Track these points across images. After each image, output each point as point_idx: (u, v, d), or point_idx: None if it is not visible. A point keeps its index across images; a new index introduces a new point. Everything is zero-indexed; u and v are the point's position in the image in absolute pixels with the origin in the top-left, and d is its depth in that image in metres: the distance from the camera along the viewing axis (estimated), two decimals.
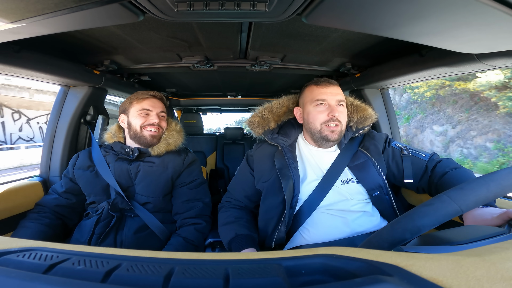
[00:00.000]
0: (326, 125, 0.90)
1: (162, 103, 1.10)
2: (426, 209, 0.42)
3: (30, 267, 0.32)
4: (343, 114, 0.92)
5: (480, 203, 0.42)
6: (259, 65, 1.21)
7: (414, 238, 0.42)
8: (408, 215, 0.43)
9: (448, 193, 0.42)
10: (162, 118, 1.08)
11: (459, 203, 0.41)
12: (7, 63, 0.80)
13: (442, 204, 0.41)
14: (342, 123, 0.91)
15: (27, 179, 1.14)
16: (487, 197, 0.42)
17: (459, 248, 0.39)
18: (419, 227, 0.41)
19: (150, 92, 1.07)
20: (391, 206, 0.88)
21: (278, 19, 0.61)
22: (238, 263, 0.34)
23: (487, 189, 0.42)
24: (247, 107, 2.94)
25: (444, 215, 0.41)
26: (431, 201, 0.42)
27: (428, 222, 0.41)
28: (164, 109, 1.10)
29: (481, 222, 0.61)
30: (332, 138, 0.90)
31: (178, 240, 0.93)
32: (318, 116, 0.91)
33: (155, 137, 1.04)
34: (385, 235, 0.43)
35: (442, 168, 0.84)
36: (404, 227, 0.42)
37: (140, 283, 0.30)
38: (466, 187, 0.42)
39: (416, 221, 0.41)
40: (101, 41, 0.93)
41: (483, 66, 0.77)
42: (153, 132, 1.04)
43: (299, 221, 0.88)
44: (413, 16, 0.52)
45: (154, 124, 1.03)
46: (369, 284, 0.27)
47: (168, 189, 1.02)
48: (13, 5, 0.49)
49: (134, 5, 0.54)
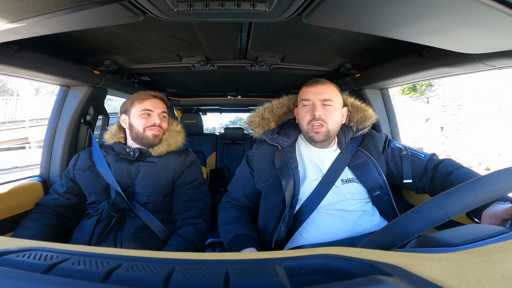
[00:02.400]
0: (311, 125, 0.89)
1: (163, 103, 1.09)
2: (413, 216, 0.42)
3: (30, 267, 0.32)
4: (330, 113, 0.89)
5: (467, 209, 0.42)
6: (259, 65, 1.21)
7: (403, 243, 0.43)
8: (397, 222, 0.43)
9: (435, 199, 0.43)
10: (163, 119, 1.08)
11: (445, 209, 0.41)
12: (7, 63, 0.80)
13: (429, 210, 0.42)
14: (327, 123, 0.88)
15: (27, 179, 1.14)
16: (474, 202, 0.42)
17: (459, 248, 0.39)
18: (407, 233, 0.41)
19: (152, 92, 1.06)
20: (391, 205, 0.88)
21: (278, 19, 0.61)
22: (238, 263, 0.34)
23: (474, 195, 0.42)
24: (247, 107, 2.94)
25: (431, 222, 0.41)
26: (419, 208, 0.43)
27: (415, 228, 0.41)
28: (165, 109, 1.09)
29: (494, 218, 0.61)
30: (317, 139, 0.89)
31: (178, 240, 0.93)
32: (304, 116, 0.91)
33: (157, 137, 1.04)
34: (375, 241, 0.44)
35: (446, 167, 0.84)
36: (393, 233, 0.42)
37: (140, 283, 0.30)
38: (452, 193, 0.43)
39: (404, 227, 0.42)
40: (101, 41, 0.93)
41: (483, 66, 0.77)
42: (155, 131, 1.03)
43: (299, 221, 0.88)
44: (413, 16, 0.52)
45: (155, 125, 1.03)
46: (369, 284, 0.27)
47: (168, 189, 1.02)
48: (13, 5, 0.49)
49: (134, 5, 0.54)
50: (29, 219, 0.94)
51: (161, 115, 1.07)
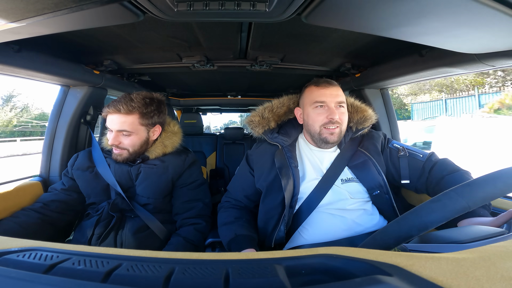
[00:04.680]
0: (326, 127, 0.89)
1: (120, 119, 0.92)
2: (433, 206, 0.42)
3: (30, 267, 0.32)
4: (344, 115, 0.91)
5: (488, 200, 0.42)
6: (259, 65, 1.21)
7: (420, 234, 0.42)
8: (415, 212, 0.43)
9: (456, 190, 0.43)
10: (125, 137, 0.95)
11: (467, 199, 0.41)
12: (7, 63, 0.80)
13: (450, 200, 0.42)
14: (342, 124, 0.90)
15: (27, 179, 1.14)
16: (494, 193, 0.42)
17: (459, 248, 0.39)
18: (426, 224, 0.41)
19: (110, 103, 0.94)
20: (391, 205, 0.88)
21: (278, 19, 0.61)
22: (238, 263, 0.34)
23: (494, 186, 0.42)
24: (247, 107, 2.94)
25: (452, 212, 0.41)
26: (439, 198, 0.43)
27: (436, 218, 0.41)
28: (125, 125, 0.93)
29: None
30: (331, 140, 0.90)
31: (178, 240, 0.93)
32: (317, 118, 0.90)
33: (119, 156, 0.97)
34: (391, 232, 0.43)
35: (439, 171, 0.83)
36: (411, 224, 0.42)
37: (140, 283, 0.30)
38: (472, 184, 0.43)
39: (423, 217, 0.41)
40: (101, 41, 0.93)
41: (483, 66, 0.77)
42: (117, 151, 0.97)
43: (299, 221, 0.88)
44: (413, 16, 0.52)
45: (114, 145, 0.95)
46: (369, 284, 0.27)
47: (168, 191, 1.02)
48: (13, 5, 0.49)
49: (134, 5, 0.54)
50: (11, 216, 0.90)
51: (119, 133, 0.94)
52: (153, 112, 0.99)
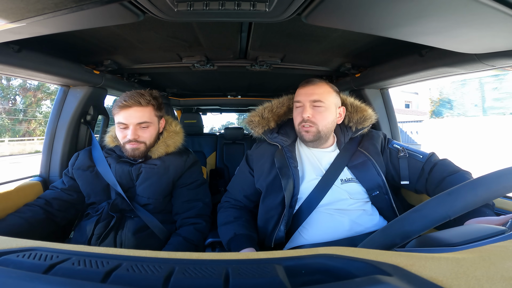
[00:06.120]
0: (302, 125, 0.90)
1: (140, 112, 0.94)
2: (414, 216, 0.43)
3: (30, 267, 0.32)
4: (320, 114, 0.89)
5: (469, 208, 0.42)
6: (259, 65, 1.21)
7: (404, 243, 0.43)
8: (398, 221, 0.43)
9: (436, 199, 0.43)
10: (143, 129, 0.97)
11: (447, 208, 0.41)
12: (7, 63, 0.80)
13: (430, 210, 0.42)
14: (317, 123, 0.88)
15: (27, 179, 1.14)
16: (475, 202, 0.42)
17: (459, 248, 0.39)
18: (408, 233, 0.42)
19: (124, 99, 0.93)
20: (391, 205, 0.88)
21: (278, 19, 0.61)
22: (238, 263, 0.34)
23: (475, 194, 0.42)
24: (247, 107, 2.95)
25: (432, 221, 0.41)
26: (420, 207, 0.43)
27: (417, 228, 0.42)
28: (145, 117, 0.95)
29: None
30: (307, 138, 0.90)
31: (178, 240, 0.93)
32: (296, 117, 0.93)
33: (137, 150, 0.97)
34: (376, 240, 0.44)
35: (440, 172, 0.83)
36: (394, 233, 0.43)
37: (140, 283, 0.30)
38: (453, 193, 0.43)
39: (405, 227, 0.42)
40: (101, 41, 0.93)
41: (483, 66, 0.77)
42: (133, 145, 0.96)
43: (299, 221, 0.88)
44: (413, 16, 0.52)
45: (131, 141, 0.95)
46: (369, 284, 0.27)
47: (168, 191, 1.02)
48: (13, 5, 0.49)
49: (134, 5, 0.54)
50: (16, 211, 0.91)
51: (138, 127, 0.95)
52: (162, 104, 1.05)
